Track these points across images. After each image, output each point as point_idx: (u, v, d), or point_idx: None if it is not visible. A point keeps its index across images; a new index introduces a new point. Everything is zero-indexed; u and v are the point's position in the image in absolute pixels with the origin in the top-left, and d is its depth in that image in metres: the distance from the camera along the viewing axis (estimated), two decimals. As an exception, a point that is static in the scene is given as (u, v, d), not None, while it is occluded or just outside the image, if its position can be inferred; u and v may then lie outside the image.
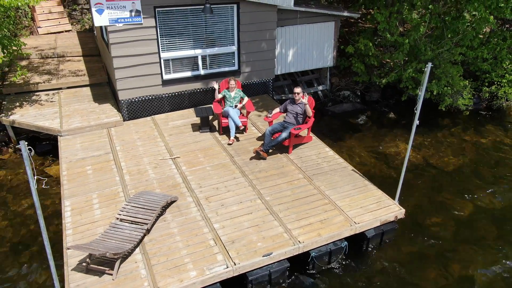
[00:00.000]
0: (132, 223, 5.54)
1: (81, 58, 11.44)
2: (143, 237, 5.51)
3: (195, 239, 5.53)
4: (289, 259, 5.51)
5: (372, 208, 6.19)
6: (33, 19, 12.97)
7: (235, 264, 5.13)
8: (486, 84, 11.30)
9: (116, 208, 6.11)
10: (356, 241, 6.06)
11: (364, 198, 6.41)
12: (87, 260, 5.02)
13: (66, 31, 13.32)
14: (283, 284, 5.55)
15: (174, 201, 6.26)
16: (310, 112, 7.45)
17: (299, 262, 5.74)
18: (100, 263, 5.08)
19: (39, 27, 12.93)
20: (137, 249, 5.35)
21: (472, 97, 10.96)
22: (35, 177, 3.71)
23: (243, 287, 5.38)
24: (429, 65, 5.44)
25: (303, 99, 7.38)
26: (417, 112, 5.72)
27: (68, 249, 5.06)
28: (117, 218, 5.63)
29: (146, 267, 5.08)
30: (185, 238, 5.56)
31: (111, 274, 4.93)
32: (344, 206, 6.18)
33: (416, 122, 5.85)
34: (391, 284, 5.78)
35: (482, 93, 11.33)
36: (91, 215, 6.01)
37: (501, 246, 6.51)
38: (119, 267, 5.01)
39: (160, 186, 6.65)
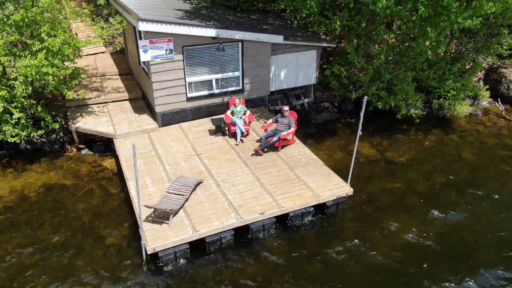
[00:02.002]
0: (177, 195, 8.96)
1: (118, 76, 14.84)
2: (184, 203, 8.91)
3: (216, 205, 8.95)
4: (276, 217, 8.92)
5: (331, 187, 9.61)
6: (76, 43, 16.35)
7: (242, 218, 8.55)
8: (436, 97, 14.67)
9: (163, 187, 9.52)
10: (321, 208, 9.48)
11: (327, 181, 9.82)
12: (152, 215, 8.45)
13: (101, 52, 16.72)
14: (272, 232, 8.97)
15: (201, 182, 9.67)
16: (293, 123, 10.86)
17: (281, 220, 9.15)
18: (159, 217, 8.48)
19: (81, 50, 16.31)
20: (181, 210, 8.76)
21: (424, 107, 14.38)
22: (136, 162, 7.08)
23: (247, 233, 8.81)
24: (366, 98, 8.83)
25: (290, 114, 10.80)
26: (359, 128, 9.10)
27: (145, 206, 8.44)
28: (167, 192, 9.05)
29: (188, 220, 8.50)
30: (210, 204, 8.97)
31: (167, 223, 8.34)
32: (313, 186, 9.60)
33: (360, 132, 9.25)
34: (343, 233, 9.18)
35: (433, 104, 14.72)
36: (147, 191, 9.42)
37: (426, 212, 9.92)
38: (172, 219, 8.41)
39: (190, 172, 10.07)
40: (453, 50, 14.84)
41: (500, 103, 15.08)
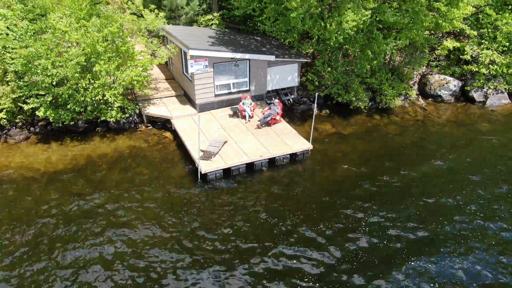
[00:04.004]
0: (214, 147, 16.92)
1: (165, 81, 22.81)
2: (218, 151, 16.85)
3: (236, 152, 16.93)
4: (268, 159, 16.88)
5: (300, 144, 17.58)
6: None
7: (250, 158, 16.52)
8: (378, 94, 22.50)
9: (205, 144, 17.46)
10: (293, 156, 17.44)
11: (298, 141, 17.79)
12: (202, 156, 16.43)
13: (150, 63, 24.61)
14: (266, 168, 16.91)
15: (226, 142, 17.63)
16: (279, 110, 18.84)
17: (271, 161, 17.10)
18: (206, 157, 16.43)
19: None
20: (217, 155, 16.70)
21: (370, 101, 22.24)
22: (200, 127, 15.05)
23: (253, 168, 16.78)
24: (317, 93, 16.73)
25: (278, 105, 18.81)
26: (315, 108, 17.02)
27: (201, 150, 16.35)
28: (209, 145, 17.02)
29: (221, 158, 16.47)
30: (232, 152, 16.96)
31: (211, 160, 16.30)
32: (289, 144, 17.58)
33: (315, 112, 17.14)
34: (309, 171, 17.09)
35: (377, 99, 22.56)
36: (197, 146, 17.36)
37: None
38: (213, 158, 16.37)
39: (220, 137, 18.01)
40: (395, 62, 22.80)
41: (421, 99, 23.00)
